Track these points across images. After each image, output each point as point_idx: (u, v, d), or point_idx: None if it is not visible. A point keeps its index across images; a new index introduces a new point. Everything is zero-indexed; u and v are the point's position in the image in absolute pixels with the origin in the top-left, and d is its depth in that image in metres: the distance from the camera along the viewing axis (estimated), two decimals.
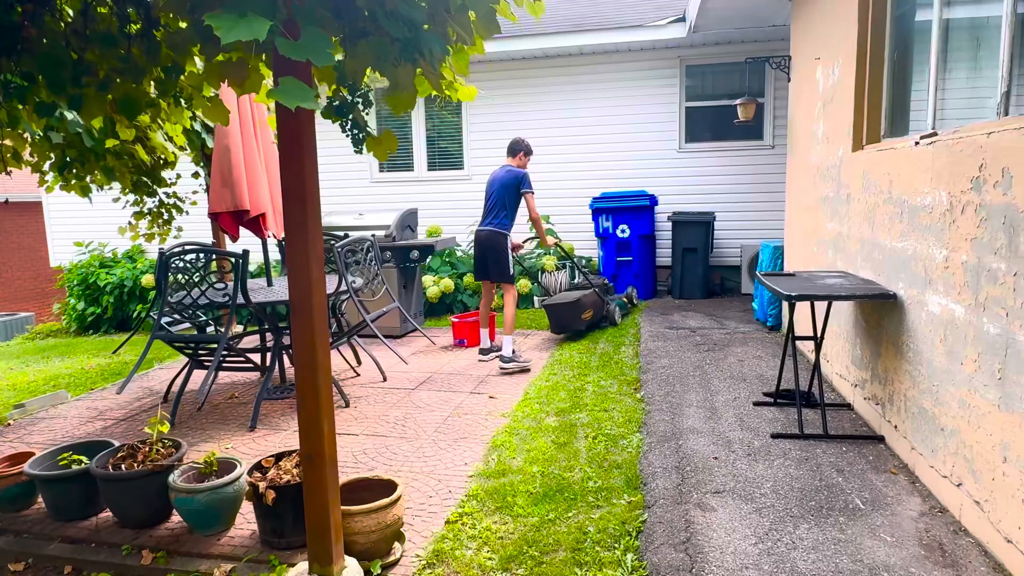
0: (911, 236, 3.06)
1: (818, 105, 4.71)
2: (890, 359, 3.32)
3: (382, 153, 3.18)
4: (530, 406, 4.40)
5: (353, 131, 3.00)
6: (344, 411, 4.50)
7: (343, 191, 9.23)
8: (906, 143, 3.14)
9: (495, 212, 5.66)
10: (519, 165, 5.71)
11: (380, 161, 3.07)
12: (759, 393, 4.25)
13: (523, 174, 5.61)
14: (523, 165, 5.74)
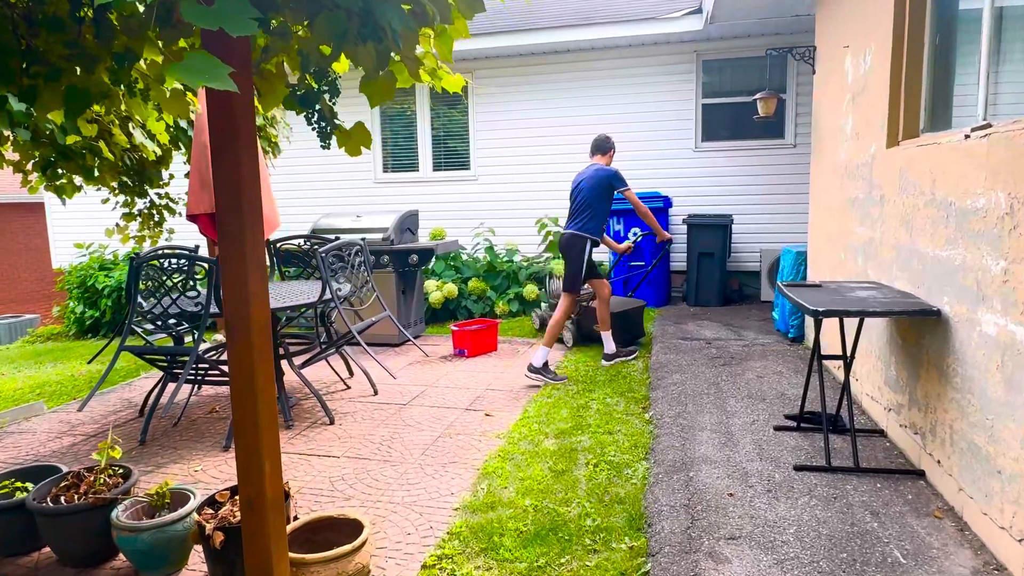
0: (959, 243, 2.65)
1: (847, 98, 4.29)
2: (932, 384, 2.90)
3: (353, 148, 2.83)
4: (528, 426, 4.03)
5: (320, 124, 2.66)
6: (327, 429, 4.16)
7: (345, 191, 8.93)
8: (954, 137, 2.72)
9: (579, 214, 5.32)
10: (607, 163, 5.42)
11: (352, 156, 2.71)
12: (780, 415, 3.84)
13: (614, 172, 5.30)
14: (610, 163, 5.46)
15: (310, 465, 3.63)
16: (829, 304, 2.95)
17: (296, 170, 9.03)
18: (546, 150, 8.23)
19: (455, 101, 8.57)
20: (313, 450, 3.84)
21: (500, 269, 7.73)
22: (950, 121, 3.35)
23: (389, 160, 8.92)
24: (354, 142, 2.77)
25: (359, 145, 2.81)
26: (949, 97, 3.39)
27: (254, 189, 1.90)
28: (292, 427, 4.22)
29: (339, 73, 2.80)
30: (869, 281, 3.59)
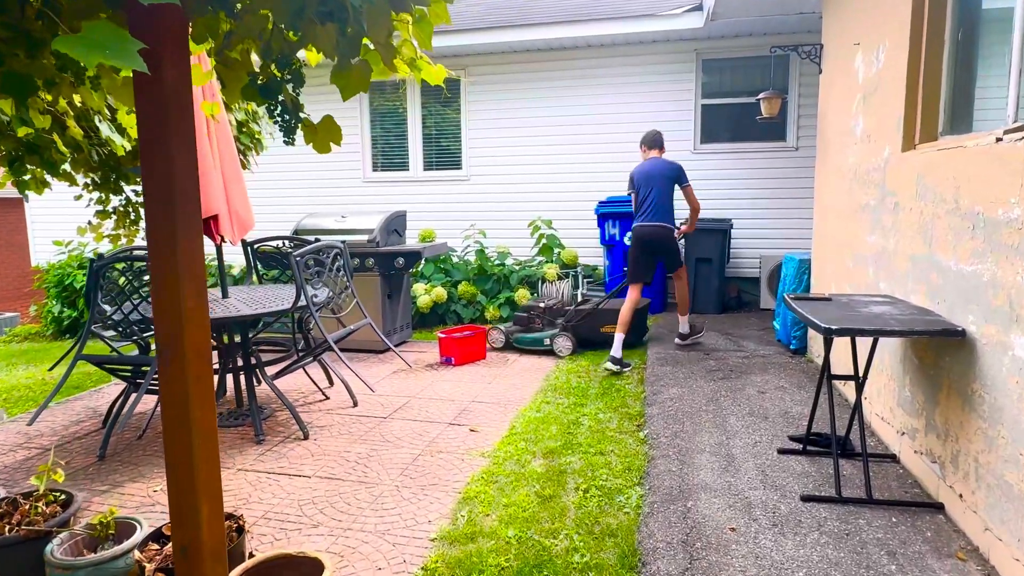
0: (988, 258, 2.40)
1: (857, 98, 4.05)
2: (953, 410, 2.65)
3: (322, 145, 2.56)
4: (515, 444, 3.77)
5: (283, 116, 2.40)
6: (301, 445, 3.89)
7: (333, 190, 8.66)
8: (983, 140, 2.48)
9: (658, 207, 5.40)
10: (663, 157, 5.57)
11: (321, 153, 2.45)
12: (784, 436, 3.59)
13: (679, 166, 5.44)
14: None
15: (279, 486, 3.36)
16: (841, 321, 2.70)
17: (282, 168, 8.75)
18: (541, 150, 7.97)
19: (448, 99, 8.31)
20: (284, 468, 3.57)
21: (491, 272, 7.47)
22: (971, 124, 3.10)
23: (379, 159, 8.65)
24: (322, 137, 2.51)
25: (327, 141, 2.54)
26: (970, 98, 3.14)
27: (189, 189, 1.64)
28: (263, 442, 3.95)
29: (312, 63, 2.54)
30: (882, 295, 3.34)
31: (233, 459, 3.72)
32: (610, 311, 5.77)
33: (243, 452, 3.81)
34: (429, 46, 2.62)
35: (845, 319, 2.74)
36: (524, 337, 5.93)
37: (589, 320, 5.82)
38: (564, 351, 5.73)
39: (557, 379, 5.02)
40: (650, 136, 5.55)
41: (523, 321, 6.09)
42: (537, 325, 6.00)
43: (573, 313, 5.87)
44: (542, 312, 6.00)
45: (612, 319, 5.71)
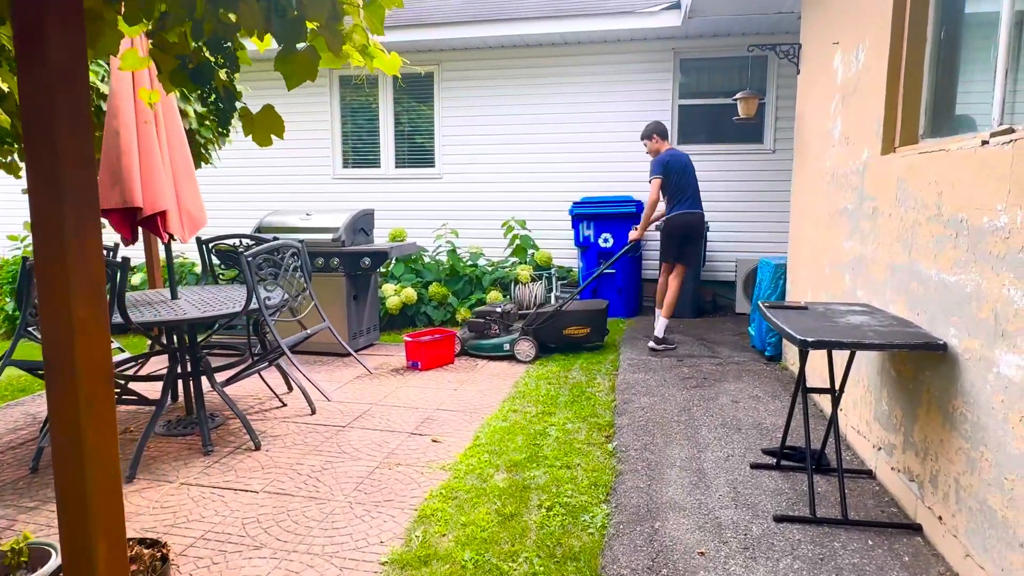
0: (972, 267, 2.26)
1: (835, 99, 3.92)
2: (933, 427, 2.52)
3: (262, 137, 2.36)
4: (478, 456, 3.58)
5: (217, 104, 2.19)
6: (251, 456, 3.67)
7: (302, 187, 8.41)
8: (967, 143, 2.34)
9: (697, 194, 5.69)
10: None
11: (261, 146, 2.24)
12: (757, 449, 3.44)
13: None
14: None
15: (223, 502, 3.14)
16: (818, 332, 2.55)
17: (248, 163, 8.48)
18: (515, 148, 7.79)
19: (421, 94, 8.09)
20: (230, 482, 3.35)
21: (463, 273, 7.27)
22: (952, 127, 2.98)
23: (350, 155, 8.41)
24: (261, 129, 2.31)
25: (267, 133, 2.34)
26: (952, 100, 3.02)
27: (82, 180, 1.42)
28: (211, 453, 3.72)
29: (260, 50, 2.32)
30: (859, 303, 3.21)
31: (177, 472, 3.49)
32: (574, 313, 5.66)
33: (188, 464, 3.58)
34: (381, 31, 2.43)
35: (821, 330, 2.60)
36: (482, 343, 5.69)
37: (552, 323, 5.63)
38: (527, 356, 5.55)
39: (526, 386, 4.84)
40: (663, 127, 5.78)
41: (478, 327, 5.77)
42: (494, 331, 5.76)
43: (535, 316, 5.68)
44: (499, 317, 5.77)
45: (576, 321, 5.65)
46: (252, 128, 2.25)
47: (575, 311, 5.67)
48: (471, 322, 5.83)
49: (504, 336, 5.70)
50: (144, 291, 4.47)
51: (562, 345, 5.73)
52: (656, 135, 5.72)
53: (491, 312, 5.80)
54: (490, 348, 5.67)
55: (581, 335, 5.69)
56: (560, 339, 5.68)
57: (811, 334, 2.51)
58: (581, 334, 5.68)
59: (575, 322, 5.66)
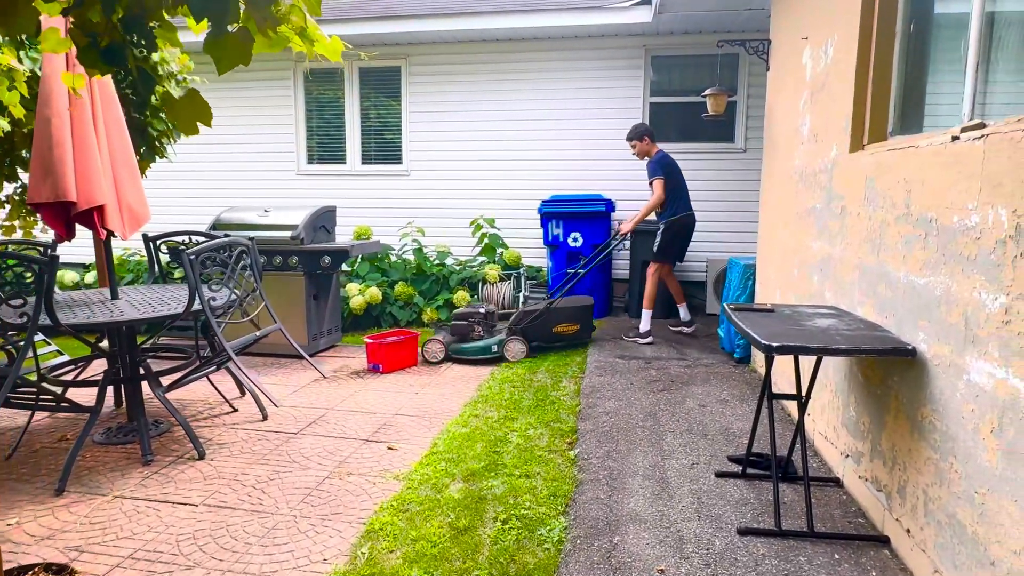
0: (941, 269, 2.16)
1: (804, 95, 3.83)
2: (901, 435, 2.42)
3: (188, 125, 2.17)
4: (435, 464, 3.42)
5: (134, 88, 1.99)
6: (194, 466, 3.46)
7: (264, 183, 8.16)
8: (936, 140, 2.24)
9: (688, 195, 5.89)
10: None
11: (186, 135, 2.06)
12: (723, 456, 3.33)
13: None
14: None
15: (158, 517, 2.94)
16: (784, 337, 2.43)
17: (208, 156, 8.21)
18: (484, 145, 7.63)
19: (388, 89, 7.89)
20: (168, 495, 3.15)
21: (430, 272, 7.09)
22: (922, 124, 2.89)
23: (314, 150, 8.17)
24: (185, 116, 2.12)
25: (193, 120, 2.15)
26: (922, 96, 2.93)
27: None
28: (151, 463, 3.50)
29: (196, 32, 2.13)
30: (827, 306, 3.11)
31: (112, 484, 3.27)
32: (564, 310, 5.62)
33: (125, 475, 3.37)
34: (318, 11, 2.26)
35: (788, 334, 2.48)
36: (467, 347, 5.42)
37: (542, 321, 5.54)
38: (518, 355, 5.42)
39: (490, 389, 4.68)
40: (652, 129, 5.88)
41: (463, 330, 5.54)
42: (477, 333, 5.56)
43: (522, 314, 5.56)
44: (483, 318, 5.58)
45: (566, 318, 5.63)
46: (175, 115, 2.07)
47: (564, 308, 5.62)
48: (454, 325, 5.54)
49: (490, 337, 5.49)
50: (84, 291, 4.23)
51: (551, 344, 5.64)
52: (647, 136, 5.80)
53: (474, 313, 5.56)
54: (477, 351, 5.41)
55: (571, 332, 5.66)
56: (550, 337, 5.60)
57: (776, 339, 2.40)
58: (571, 331, 5.66)
59: (565, 319, 5.62)
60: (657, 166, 5.69)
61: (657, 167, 5.69)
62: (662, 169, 5.68)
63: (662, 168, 5.68)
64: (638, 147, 5.84)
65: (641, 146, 5.82)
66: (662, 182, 5.66)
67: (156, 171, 7.55)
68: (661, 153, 5.81)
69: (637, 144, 5.83)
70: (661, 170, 5.68)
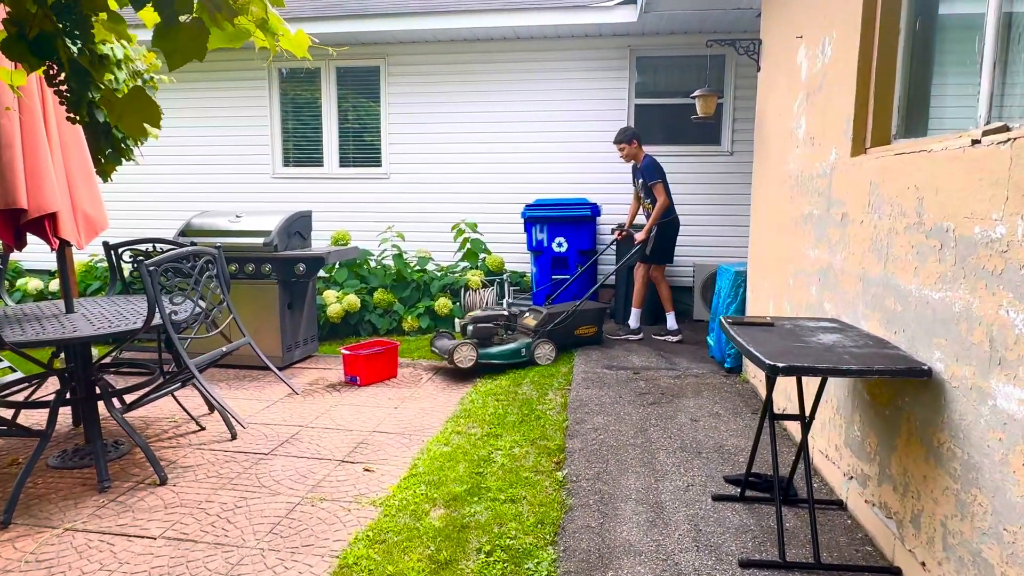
0: (960, 283, 2.00)
1: (799, 96, 3.67)
2: (915, 461, 2.25)
3: (133, 127, 1.94)
4: (414, 488, 3.21)
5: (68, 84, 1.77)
6: (155, 492, 3.22)
7: (238, 186, 7.89)
8: (953, 143, 2.08)
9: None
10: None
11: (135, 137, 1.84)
12: (719, 476, 3.16)
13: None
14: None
15: (111, 552, 2.70)
16: (788, 355, 2.26)
17: (179, 160, 7.92)
18: (466, 148, 7.43)
19: (367, 90, 7.66)
20: (124, 526, 2.90)
21: (410, 279, 6.87)
22: (927, 127, 2.74)
23: (291, 152, 7.92)
24: (129, 116, 1.89)
25: (139, 121, 1.93)
26: (927, 98, 2.78)
27: None
28: (108, 489, 3.25)
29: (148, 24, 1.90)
30: (828, 318, 2.94)
31: (63, 514, 3.02)
32: (585, 313, 5.75)
33: (79, 504, 3.11)
34: (280, 2, 2.04)
35: (792, 352, 2.31)
36: (497, 352, 5.14)
37: (568, 323, 5.56)
38: (550, 358, 5.37)
39: (473, 403, 4.48)
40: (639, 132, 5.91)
41: (486, 333, 5.23)
42: (499, 337, 5.31)
43: (547, 317, 5.48)
44: (507, 320, 5.36)
45: (587, 321, 5.77)
46: (117, 116, 1.84)
47: (586, 311, 5.75)
48: (479, 328, 5.22)
49: (515, 342, 5.28)
50: (38, 303, 3.96)
51: (570, 345, 5.74)
52: (636, 139, 5.82)
53: (497, 316, 5.33)
54: (506, 356, 5.16)
55: (590, 334, 5.82)
56: (571, 339, 5.69)
57: (781, 357, 2.22)
58: (590, 333, 5.82)
59: (586, 322, 5.76)
60: (655, 171, 5.72)
61: (655, 171, 5.72)
62: (660, 173, 5.73)
63: (660, 172, 5.73)
64: (627, 150, 5.80)
65: (630, 149, 5.80)
66: (663, 186, 5.71)
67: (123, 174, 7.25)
68: (650, 157, 5.81)
69: (626, 147, 5.79)
70: (660, 174, 5.72)
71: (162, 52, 1.86)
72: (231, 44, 2.22)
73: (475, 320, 5.25)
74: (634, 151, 5.80)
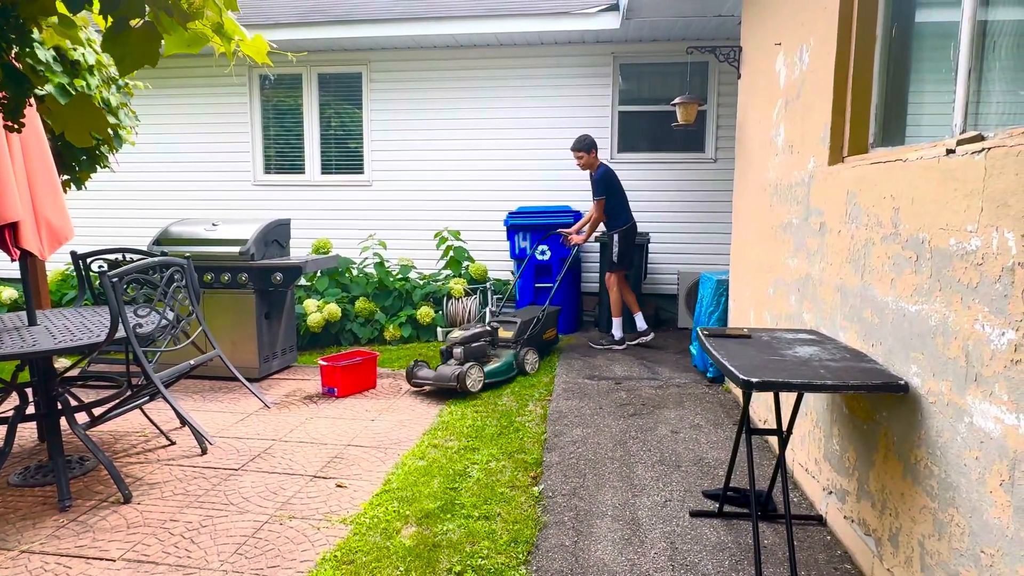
0: (936, 296, 1.95)
1: (778, 104, 3.64)
2: (892, 477, 2.20)
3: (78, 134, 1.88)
4: (387, 505, 3.12)
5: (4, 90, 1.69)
6: (118, 511, 3.11)
7: (218, 193, 7.79)
8: (928, 152, 2.03)
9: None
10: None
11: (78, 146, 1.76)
12: (698, 491, 3.09)
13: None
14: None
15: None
16: (763, 370, 2.20)
17: (157, 167, 7.82)
18: (449, 155, 7.37)
19: (349, 96, 7.59)
20: (83, 548, 2.80)
21: (392, 287, 6.79)
22: (904, 136, 2.70)
23: (272, 159, 7.83)
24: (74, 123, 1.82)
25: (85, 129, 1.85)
26: (904, 107, 2.74)
27: None
28: (69, 508, 3.15)
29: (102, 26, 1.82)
30: (807, 330, 2.89)
31: (20, 535, 2.91)
32: (551, 315, 5.86)
33: (38, 524, 3.01)
34: (235, 6, 1.97)
35: (767, 366, 2.25)
36: (494, 369, 4.96)
37: (540, 328, 5.63)
38: (535, 367, 5.38)
39: (452, 415, 4.39)
40: (595, 141, 5.90)
41: (479, 353, 4.98)
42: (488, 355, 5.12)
43: (523, 326, 5.43)
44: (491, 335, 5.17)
45: (551, 324, 5.87)
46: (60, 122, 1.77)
47: (551, 314, 5.83)
48: (472, 348, 4.95)
49: (504, 356, 5.16)
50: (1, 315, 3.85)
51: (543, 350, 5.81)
52: (594, 148, 5.86)
53: (482, 333, 5.11)
54: (503, 372, 5.01)
55: (552, 337, 5.92)
56: (541, 343, 5.72)
57: (755, 372, 2.16)
58: (552, 336, 5.92)
59: (551, 325, 5.84)
60: (601, 185, 5.79)
61: (601, 186, 5.80)
62: (604, 188, 5.81)
63: (604, 187, 5.81)
64: (584, 159, 5.85)
65: (588, 158, 5.84)
66: (603, 203, 5.83)
67: (100, 182, 7.16)
68: (603, 168, 5.86)
69: (584, 156, 5.84)
70: (604, 189, 5.79)
71: (112, 58, 1.78)
72: (188, 49, 2.15)
73: (465, 341, 4.97)
74: (591, 160, 5.85)
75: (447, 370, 4.77)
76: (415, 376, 4.87)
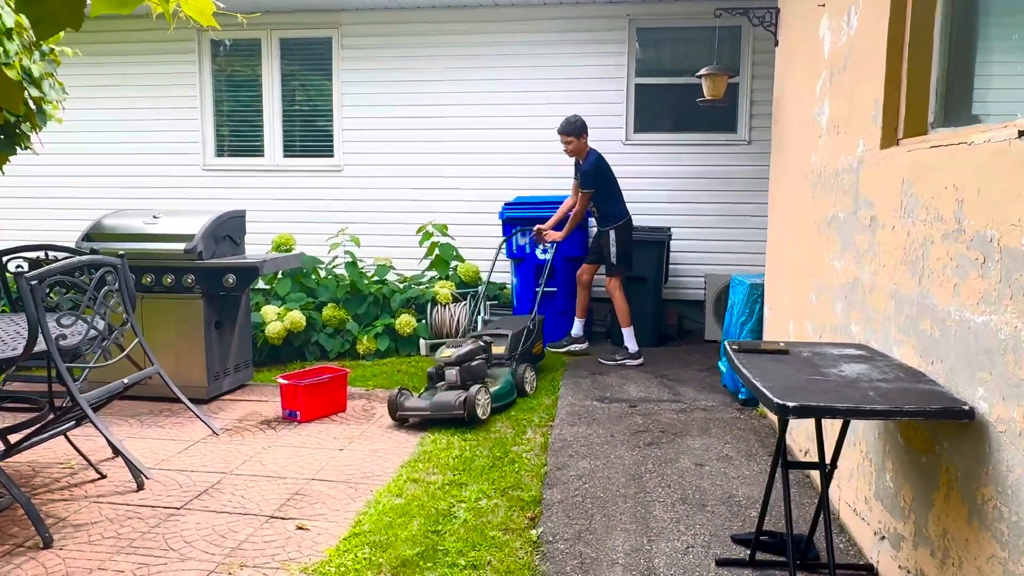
0: (1007, 306, 1.94)
1: (822, 76, 3.64)
2: (955, 520, 2.19)
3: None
4: (356, 551, 3.10)
5: None
6: (36, 559, 3.09)
7: (162, 179, 7.85)
8: (997, 134, 2.02)
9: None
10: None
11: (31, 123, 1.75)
12: (726, 534, 3.09)
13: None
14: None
15: None
16: (803, 392, 2.19)
17: (90, 148, 7.83)
18: (435, 135, 7.40)
19: (317, 65, 7.61)
20: None
21: (367, 292, 6.78)
22: (971, 114, 2.70)
23: (225, 140, 7.85)
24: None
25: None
26: (969, 81, 2.74)
27: None
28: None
29: None
30: (854, 344, 2.89)
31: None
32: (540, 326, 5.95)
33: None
34: None
35: (807, 388, 2.24)
36: (499, 391, 4.90)
37: (533, 339, 5.73)
38: (533, 385, 5.44)
39: (435, 443, 4.38)
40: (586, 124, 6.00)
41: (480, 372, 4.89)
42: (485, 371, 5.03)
43: (514, 339, 5.49)
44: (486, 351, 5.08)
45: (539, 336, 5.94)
46: None
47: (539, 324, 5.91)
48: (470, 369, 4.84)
49: (502, 374, 5.10)
50: None
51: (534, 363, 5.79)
52: (585, 133, 5.96)
53: (476, 350, 4.98)
54: (506, 394, 4.97)
55: (540, 351, 5.98)
56: (531, 358, 5.74)
57: (793, 395, 2.15)
58: (540, 350, 5.98)
59: (538, 337, 5.89)
60: (591, 179, 5.87)
61: (591, 180, 5.87)
62: (594, 181, 5.87)
63: (594, 180, 5.87)
64: (573, 144, 5.94)
65: (577, 144, 5.94)
66: (589, 196, 5.95)
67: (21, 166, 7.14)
68: (595, 155, 5.96)
69: (573, 141, 5.93)
70: (593, 182, 5.87)
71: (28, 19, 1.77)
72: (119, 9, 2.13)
73: (461, 360, 4.82)
74: (581, 145, 5.94)
75: (448, 396, 4.57)
76: (402, 408, 4.67)
